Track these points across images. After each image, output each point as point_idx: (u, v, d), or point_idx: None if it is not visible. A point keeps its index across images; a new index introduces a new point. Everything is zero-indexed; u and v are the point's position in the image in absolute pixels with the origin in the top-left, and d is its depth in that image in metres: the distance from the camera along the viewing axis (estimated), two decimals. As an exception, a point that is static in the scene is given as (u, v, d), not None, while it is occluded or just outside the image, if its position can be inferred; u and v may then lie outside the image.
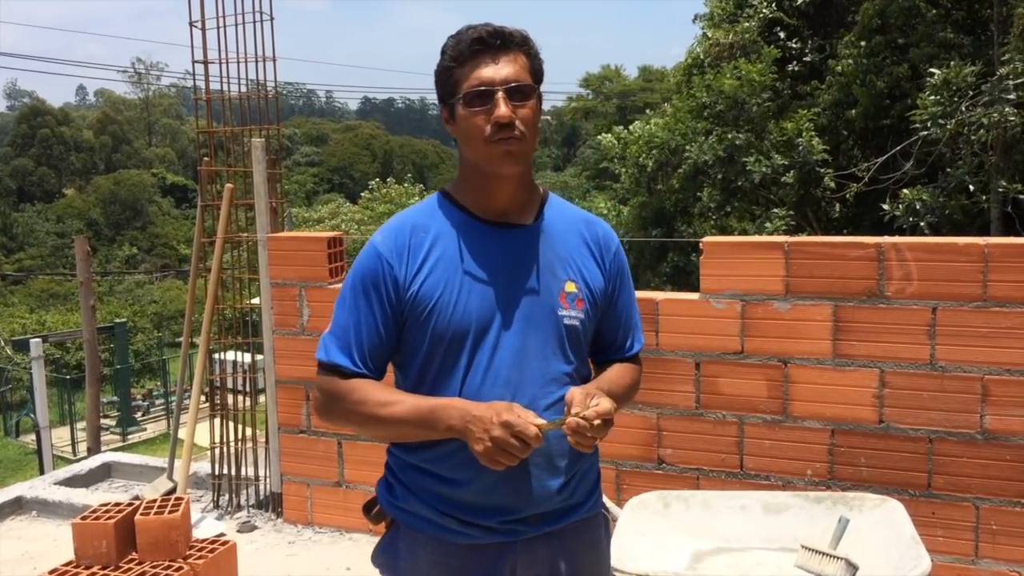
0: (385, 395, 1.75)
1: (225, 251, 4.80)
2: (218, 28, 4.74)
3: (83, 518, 3.35)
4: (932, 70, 9.27)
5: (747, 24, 13.03)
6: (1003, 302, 3.18)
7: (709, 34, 13.93)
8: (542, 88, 1.83)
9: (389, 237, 1.79)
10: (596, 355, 1.97)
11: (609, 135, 13.86)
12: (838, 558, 2.72)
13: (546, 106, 1.94)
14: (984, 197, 9.74)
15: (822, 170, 11.32)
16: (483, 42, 1.72)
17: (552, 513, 1.79)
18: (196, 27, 4.78)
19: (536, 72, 1.78)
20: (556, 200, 1.90)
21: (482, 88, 1.70)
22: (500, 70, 1.71)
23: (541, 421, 1.61)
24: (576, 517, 1.84)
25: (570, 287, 1.80)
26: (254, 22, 4.71)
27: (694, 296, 3.63)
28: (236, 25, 4.71)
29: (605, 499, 2.03)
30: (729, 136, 11.55)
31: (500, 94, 1.69)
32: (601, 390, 1.72)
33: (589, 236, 1.88)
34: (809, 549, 2.77)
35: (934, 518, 3.30)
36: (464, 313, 1.73)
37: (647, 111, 14.34)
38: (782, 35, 13.19)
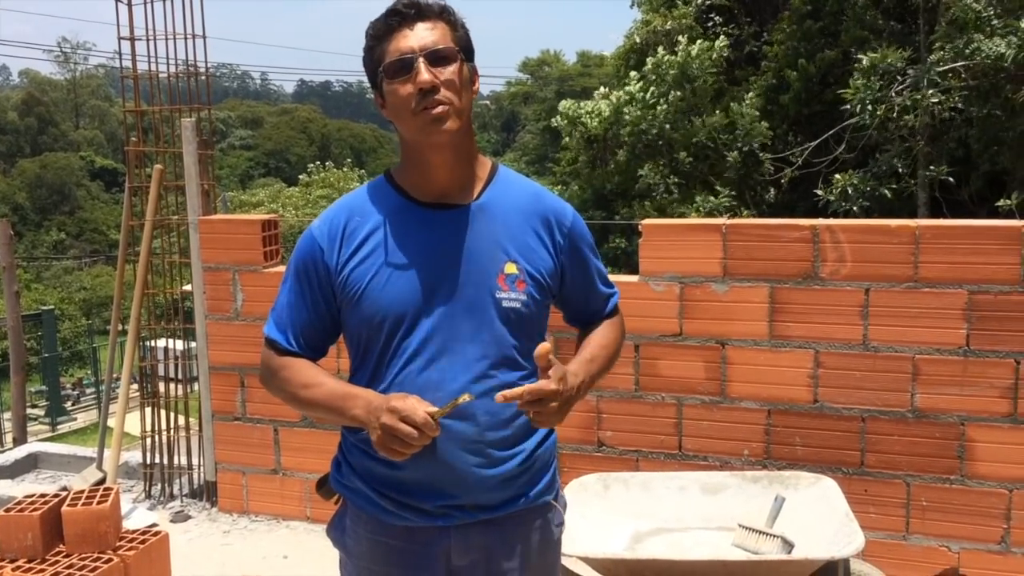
0: (309, 377, 1.79)
1: (156, 236, 4.67)
2: (145, 3, 4.59)
3: (7, 510, 3.24)
4: (860, 56, 9.43)
5: (684, 9, 13.13)
6: (933, 283, 3.25)
7: (647, 19, 14.00)
8: (479, 67, 1.80)
9: (325, 222, 1.80)
10: (577, 323, 2.01)
11: (568, 102, 13.87)
12: (774, 536, 2.76)
13: (485, 91, 1.90)
14: (912, 182, 9.98)
15: (762, 154, 11.49)
16: (399, 14, 1.70)
17: (490, 501, 1.76)
18: (122, 3, 4.62)
19: (460, 40, 1.74)
20: (506, 175, 1.84)
21: (402, 57, 1.68)
22: (418, 38, 1.69)
23: (432, 408, 1.61)
24: (518, 507, 1.79)
25: (510, 268, 1.74)
26: (183, -2, 4.57)
27: (633, 278, 3.64)
28: (164, 1, 4.57)
29: (563, 489, 1.98)
30: (676, 98, 11.59)
31: (420, 61, 1.67)
32: (569, 371, 1.71)
33: (538, 212, 1.80)
34: (746, 528, 2.81)
35: (867, 495, 3.37)
36: (393, 298, 1.72)
37: (596, 93, 14.31)
38: (718, 19, 13.32)
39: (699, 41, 11.80)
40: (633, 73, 12.66)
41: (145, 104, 4.89)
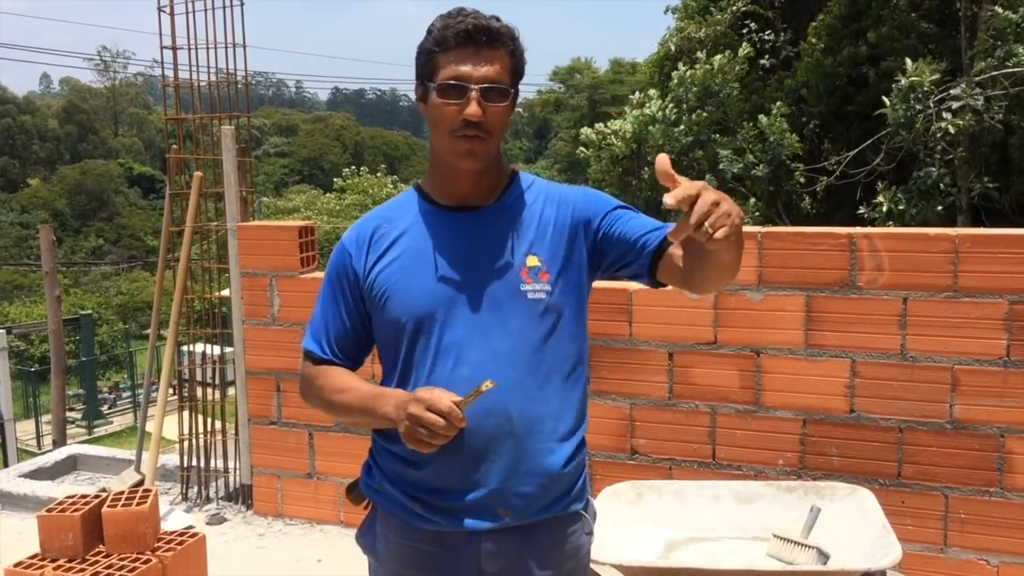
0: (343, 382, 1.83)
1: (194, 241, 4.73)
2: (187, 13, 4.67)
3: (49, 510, 3.29)
4: (898, 77, 9.24)
5: (720, 16, 13.06)
6: (972, 292, 3.21)
7: (682, 27, 13.94)
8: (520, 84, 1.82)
9: (355, 230, 1.87)
10: (650, 268, 1.79)
11: (589, 129, 13.73)
12: (810, 547, 2.74)
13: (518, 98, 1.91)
14: (954, 188, 9.83)
15: (793, 164, 11.36)
16: (469, 36, 1.70)
17: (523, 507, 1.75)
18: (164, 12, 4.71)
19: (516, 72, 1.76)
20: (526, 179, 1.87)
21: (458, 83, 1.70)
22: (479, 67, 1.70)
23: (457, 397, 1.62)
24: (549, 514, 1.79)
25: (532, 261, 1.76)
26: (224, 7, 4.64)
27: (667, 286, 3.62)
28: (206, 10, 4.64)
29: (593, 500, 1.97)
30: (700, 116, 11.47)
31: (474, 92, 1.69)
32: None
33: (554, 205, 1.82)
34: (781, 538, 2.79)
35: (904, 507, 3.33)
36: (418, 299, 1.75)
37: (630, 96, 14.12)
38: (753, 26, 13.23)
39: (718, 56, 11.67)
40: (652, 92, 12.54)
41: (185, 112, 4.96)
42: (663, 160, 1.46)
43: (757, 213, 11.05)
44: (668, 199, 1.43)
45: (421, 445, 1.63)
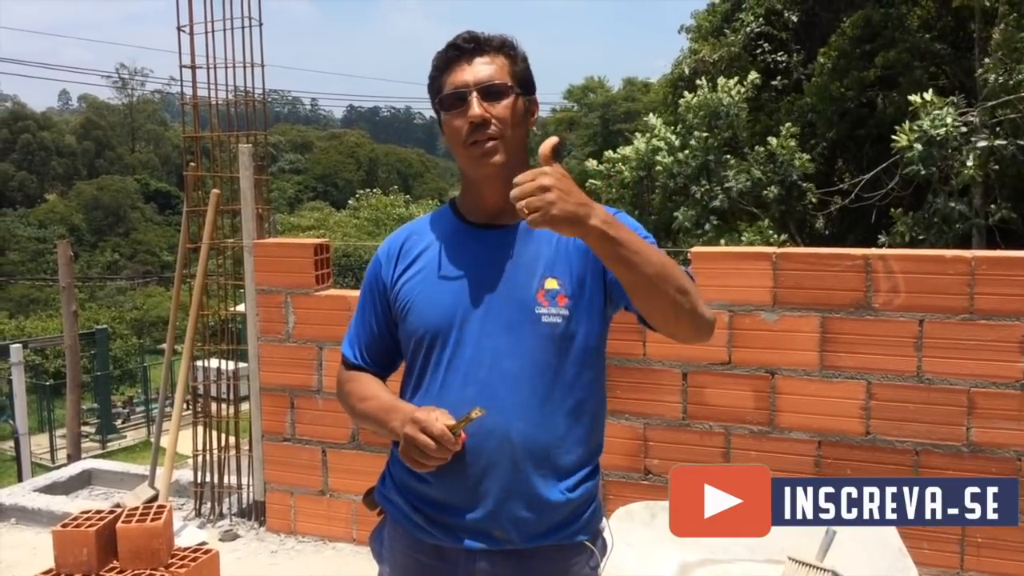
0: (367, 390, 1.87)
1: (210, 258, 4.77)
2: (206, 33, 4.72)
3: (64, 526, 3.31)
4: (913, 107, 9.18)
5: (733, 38, 13.09)
6: (989, 315, 3.20)
7: (695, 47, 13.99)
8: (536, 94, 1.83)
9: (387, 242, 1.92)
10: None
11: (594, 161, 13.69)
12: (825, 570, 2.72)
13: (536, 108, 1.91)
14: (971, 213, 9.79)
15: (804, 184, 11.34)
16: (458, 48, 1.76)
17: (518, 531, 1.73)
18: (184, 31, 4.76)
19: (518, 74, 1.78)
20: None
21: (456, 91, 1.74)
22: (474, 72, 1.74)
23: (451, 420, 1.64)
24: (548, 541, 1.75)
25: (551, 284, 1.74)
26: (243, 27, 4.69)
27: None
28: (224, 30, 4.70)
29: (606, 532, 1.93)
30: (705, 141, 11.45)
31: (473, 95, 1.72)
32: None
33: None
34: (796, 561, 2.77)
35: (920, 530, 3.30)
36: (435, 313, 1.76)
37: (644, 118, 14.05)
38: (767, 47, 13.25)
39: (721, 80, 11.66)
40: (659, 120, 12.53)
41: (202, 129, 5.01)
42: (545, 146, 1.56)
43: (771, 232, 11.01)
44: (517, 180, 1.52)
45: (415, 465, 1.67)
